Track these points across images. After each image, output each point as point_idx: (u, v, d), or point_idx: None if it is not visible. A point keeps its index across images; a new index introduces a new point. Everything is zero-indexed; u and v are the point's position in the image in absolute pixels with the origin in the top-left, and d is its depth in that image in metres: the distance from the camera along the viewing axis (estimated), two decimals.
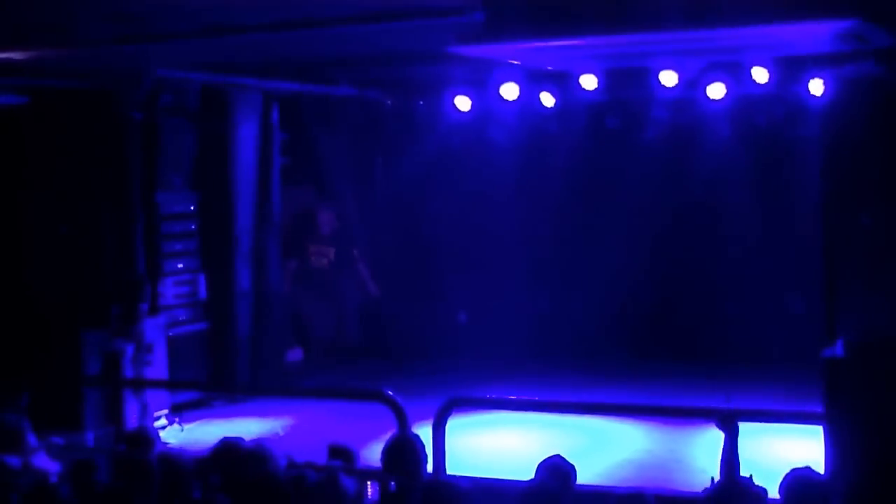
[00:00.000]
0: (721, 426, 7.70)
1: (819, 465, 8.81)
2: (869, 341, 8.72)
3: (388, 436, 7.73)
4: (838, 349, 8.98)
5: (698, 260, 15.12)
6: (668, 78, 12.82)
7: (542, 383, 13.49)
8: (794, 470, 6.84)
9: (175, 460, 7.22)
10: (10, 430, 8.12)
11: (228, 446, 7.37)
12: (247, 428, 11.76)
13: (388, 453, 7.15)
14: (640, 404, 10.83)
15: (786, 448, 10.32)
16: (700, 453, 10.57)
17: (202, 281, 13.56)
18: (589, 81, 13.18)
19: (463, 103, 14.81)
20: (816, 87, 12.68)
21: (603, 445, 10.95)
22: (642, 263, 15.32)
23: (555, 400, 10.59)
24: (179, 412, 12.58)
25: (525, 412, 10.96)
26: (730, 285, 14.99)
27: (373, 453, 7.77)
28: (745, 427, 10.06)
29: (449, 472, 8.44)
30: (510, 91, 13.92)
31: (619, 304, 15.41)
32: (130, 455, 7.43)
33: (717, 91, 13.38)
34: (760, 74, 12.73)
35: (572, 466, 7.04)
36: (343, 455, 8.31)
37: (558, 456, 7.11)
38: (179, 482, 7.07)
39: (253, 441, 7.49)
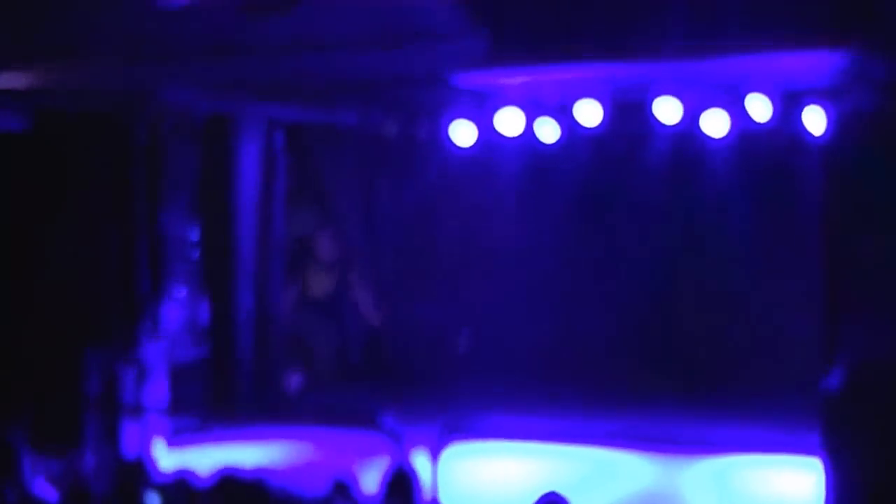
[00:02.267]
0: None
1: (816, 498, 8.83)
2: (868, 370, 8.73)
3: (386, 461, 7.73)
4: (836, 380, 8.99)
5: (700, 287, 15.11)
6: (669, 112, 12.84)
7: (543, 408, 13.47)
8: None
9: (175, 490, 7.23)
10: (7, 455, 8.11)
11: (228, 476, 7.37)
12: (247, 453, 11.74)
13: (385, 483, 7.15)
14: (637, 434, 10.79)
15: (783, 479, 10.33)
16: (696, 485, 10.59)
17: (203, 305, 13.57)
18: (590, 113, 13.19)
19: (466, 130, 14.81)
20: (817, 119, 12.69)
21: (602, 474, 10.92)
22: (644, 291, 15.31)
23: (555, 428, 10.56)
24: (180, 437, 12.56)
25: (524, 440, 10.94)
26: (731, 313, 14.98)
27: (370, 479, 7.77)
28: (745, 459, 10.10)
29: (445, 501, 8.42)
30: (513, 121, 13.94)
31: (621, 330, 15.39)
32: (127, 483, 7.43)
33: (718, 125, 13.39)
34: (761, 108, 12.75)
35: (567, 502, 7.04)
36: (344, 488, 8.32)
37: (553, 493, 7.12)
38: None
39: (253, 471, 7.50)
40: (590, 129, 13.85)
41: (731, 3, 8.26)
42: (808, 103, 12.52)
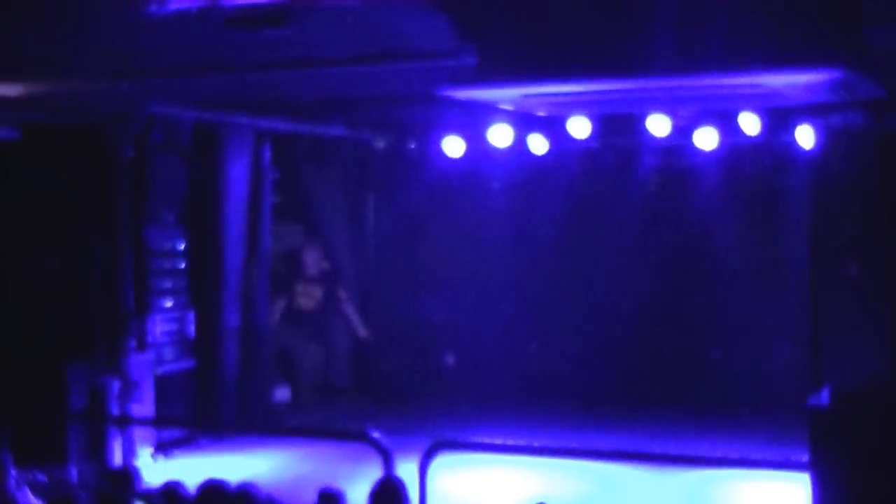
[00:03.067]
0: None
1: None
2: (854, 390, 8.75)
3: (373, 476, 7.72)
4: (824, 397, 9.01)
5: (687, 305, 15.15)
6: (659, 125, 12.90)
7: (529, 425, 13.48)
8: None
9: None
10: None
11: (213, 488, 7.35)
12: (232, 466, 11.72)
13: (373, 496, 7.14)
14: (624, 450, 10.79)
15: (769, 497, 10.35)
16: (682, 499, 10.60)
17: (190, 318, 13.55)
18: (580, 127, 13.26)
19: (455, 145, 14.86)
20: (805, 137, 12.76)
21: (589, 490, 10.93)
22: (631, 308, 15.35)
23: (540, 444, 10.55)
24: (164, 449, 12.53)
25: (511, 455, 10.93)
26: (718, 331, 15.02)
27: (358, 494, 7.76)
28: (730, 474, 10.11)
29: None
30: (502, 135, 14.00)
31: (608, 346, 15.41)
32: (113, 494, 7.41)
33: (707, 139, 13.45)
34: (750, 124, 12.82)
35: None
36: (331, 499, 8.30)
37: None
38: None
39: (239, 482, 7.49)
40: (578, 143, 13.95)
41: (718, 20, 8.30)
42: (797, 120, 12.61)
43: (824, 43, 8.19)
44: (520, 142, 14.36)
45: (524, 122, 13.65)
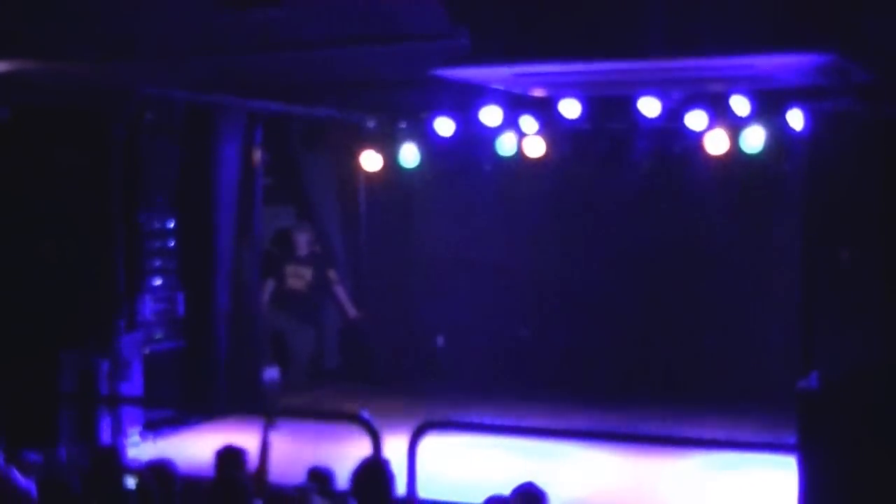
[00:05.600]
0: None
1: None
2: (844, 375, 8.77)
3: (362, 454, 7.73)
4: (812, 381, 9.03)
5: (679, 289, 15.14)
6: (651, 108, 12.89)
7: (519, 409, 13.50)
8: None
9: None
10: None
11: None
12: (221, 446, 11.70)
13: (357, 476, 7.14)
14: (610, 431, 10.82)
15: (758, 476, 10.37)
16: (669, 484, 10.62)
17: (180, 299, 13.54)
18: (572, 109, 13.24)
19: (446, 126, 14.83)
20: (797, 121, 12.75)
21: (578, 472, 10.94)
22: (624, 292, 15.35)
23: (530, 425, 10.57)
24: (154, 429, 12.53)
25: (500, 436, 10.94)
26: (710, 315, 15.02)
27: (346, 471, 7.76)
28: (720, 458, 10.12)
29: (421, 496, 8.42)
30: (493, 116, 13.98)
31: (600, 331, 15.42)
32: (100, 472, 7.42)
33: (698, 122, 13.44)
34: (742, 107, 12.81)
35: (544, 492, 7.06)
36: (320, 478, 8.31)
37: (531, 482, 7.14)
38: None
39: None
40: (570, 125, 13.94)
41: (710, 1, 8.29)
42: (789, 104, 12.60)
43: (816, 26, 8.20)
44: (511, 123, 14.35)
45: (516, 103, 13.61)
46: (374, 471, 7.17)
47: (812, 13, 8.19)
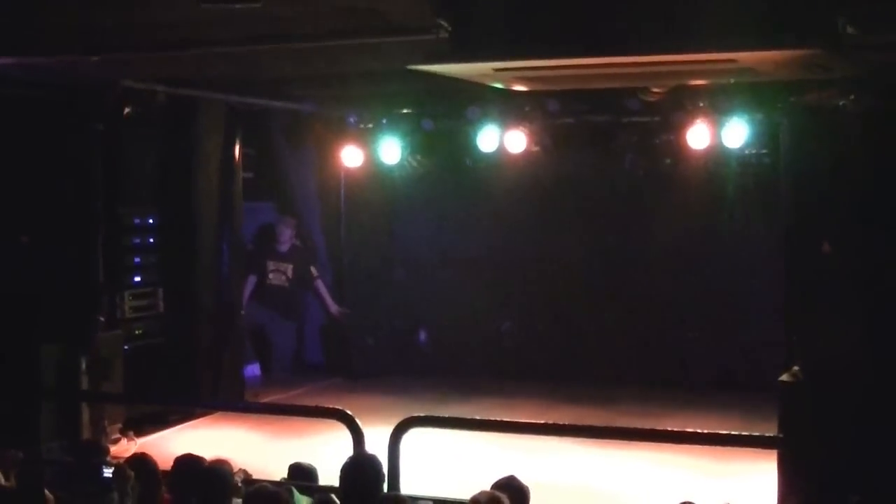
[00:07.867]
0: None
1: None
2: (825, 367, 8.82)
3: (345, 452, 7.70)
4: (794, 374, 9.07)
5: (662, 283, 15.15)
6: (637, 102, 12.90)
7: (503, 404, 13.49)
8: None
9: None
10: None
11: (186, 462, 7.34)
12: (203, 443, 11.67)
13: (344, 472, 7.11)
14: (594, 426, 10.80)
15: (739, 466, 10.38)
16: (653, 478, 10.62)
17: (161, 294, 13.47)
18: (553, 103, 13.21)
19: (427, 121, 14.80)
20: (781, 115, 12.76)
21: (560, 467, 10.94)
22: (605, 285, 15.37)
23: (513, 420, 10.55)
24: (135, 426, 12.46)
25: (482, 432, 10.93)
26: (693, 309, 15.05)
27: (329, 469, 7.74)
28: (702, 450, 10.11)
29: (405, 491, 8.40)
30: (474, 111, 13.97)
31: (582, 324, 15.43)
32: (80, 467, 7.38)
33: (681, 116, 13.42)
34: (724, 102, 12.83)
35: (526, 487, 7.05)
36: (302, 473, 8.29)
37: (512, 476, 7.13)
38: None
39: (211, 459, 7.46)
40: (552, 119, 13.92)
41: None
42: (773, 98, 12.61)
43: (801, 23, 8.20)
44: (493, 118, 14.30)
45: (498, 98, 13.57)
46: (360, 466, 7.14)
47: (797, 9, 8.18)
